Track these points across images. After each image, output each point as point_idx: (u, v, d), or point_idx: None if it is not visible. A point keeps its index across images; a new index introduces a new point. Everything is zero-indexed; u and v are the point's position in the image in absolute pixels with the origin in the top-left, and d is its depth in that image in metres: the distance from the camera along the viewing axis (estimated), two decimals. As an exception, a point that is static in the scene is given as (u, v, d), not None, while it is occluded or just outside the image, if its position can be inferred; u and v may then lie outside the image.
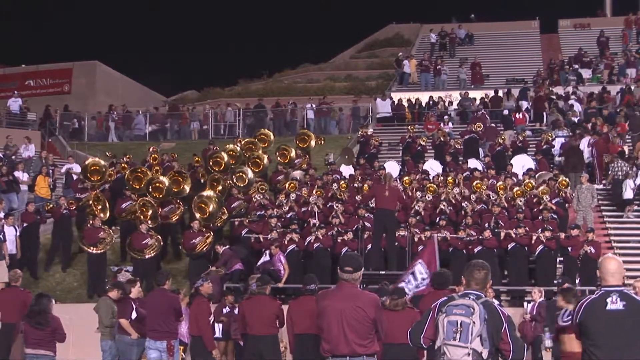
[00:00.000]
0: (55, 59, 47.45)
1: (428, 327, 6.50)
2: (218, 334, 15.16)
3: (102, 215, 21.05)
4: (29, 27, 77.68)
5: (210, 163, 23.98)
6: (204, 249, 19.75)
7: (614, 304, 6.35)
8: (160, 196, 21.45)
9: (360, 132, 29.71)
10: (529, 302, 17.16)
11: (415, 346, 6.77)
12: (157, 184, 21.61)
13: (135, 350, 12.82)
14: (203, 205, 20.52)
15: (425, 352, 9.10)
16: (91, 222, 20.43)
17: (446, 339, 6.26)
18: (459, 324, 6.22)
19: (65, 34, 72.49)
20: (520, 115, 30.81)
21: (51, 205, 21.76)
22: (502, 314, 6.36)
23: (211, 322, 12.78)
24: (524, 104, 32.25)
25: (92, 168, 23.24)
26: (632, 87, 32.16)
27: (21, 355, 11.94)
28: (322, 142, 28.14)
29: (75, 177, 24.47)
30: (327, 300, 7.68)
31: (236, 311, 14.50)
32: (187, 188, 22.02)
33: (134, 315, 12.76)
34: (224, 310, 15.68)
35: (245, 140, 27.00)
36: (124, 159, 25.53)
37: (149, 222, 20.46)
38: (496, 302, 6.65)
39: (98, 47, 78.22)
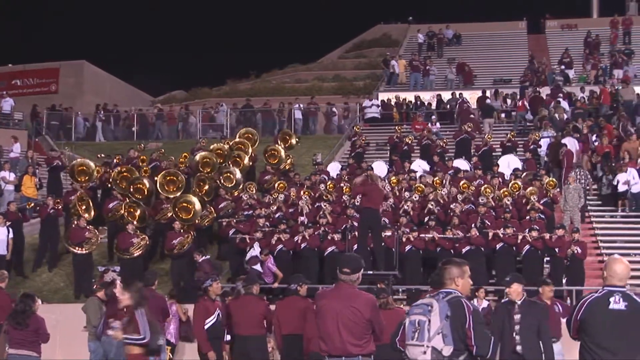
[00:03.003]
0: (42, 58, 47.35)
1: (402, 330, 6.57)
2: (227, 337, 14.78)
3: (86, 215, 20.97)
4: (16, 27, 77.39)
5: (201, 163, 23.88)
6: (183, 249, 19.66)
7: (617, 303, 6.42)
8: (142, 197, 21.41)
9: (352, 131, 29.70)
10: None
11: (392, 349, 6.80)
12: (139, 185, 21.58)
13: (122, 351, 12.78)
14: (186, 205, 20.46)
15: None
16: (76, 222, 20.37)
17: (407, 339, 6.36)
18: (417, 323, 6.31)
19: (53, 34, 72.31)
20: (520, 103, 31.39)
21: (36, 205, 21.57)
22: (467, 309, 6.36)
23: (211, 323, 12.42)
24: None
25: (79, 169, 23.18)
26: (619, 88, 32.23)
27: (3, 355, 11.89)
28: (297, 140, 27.69)
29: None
30: (324, 300, 7.69)
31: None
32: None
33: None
34: None
35: (235, 140, 26.86)
36: (115, 160, 25.45)
37: (136, 222, 20.43)
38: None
39: (85, 47, 77.99)
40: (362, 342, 7.39)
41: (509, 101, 33.96)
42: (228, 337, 13.44)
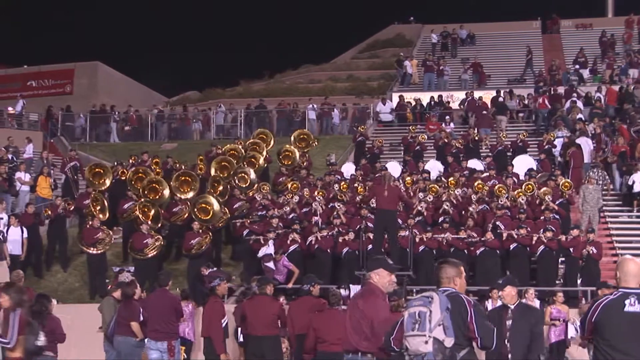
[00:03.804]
0: (57, 59, 47.53)
1: (399, 329, 6.48)
2: (241, 338, 14.63)
3: (100, 216, 21.04)
4: (31, 28, 77.77)
5: (218, 167, 23.91)
6: (201, 249, 19.68)
7: (632, 306, 6.34)
8: (157, 198, 21.49)
9: (357, 132, 29.68)
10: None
11: (386, 349, 6.71)
12: (154, 186, 21.65)
13: (138, 352, 12.84)
14: (205, 206, 20.51)
15: None
16: (90, 222, 20.43)
17: (406, 331, 6.29)
18: (417, 314, 6.26)
19: (67, 35, 72.53)
20: (541, 100, 31.30)
21: (48, 210, 21.64)
22: (467, 302, 6.39)
23: (224, 324, 12.48)
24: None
25: (96, 171, 23.27)
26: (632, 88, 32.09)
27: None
28: (317, 142, 27.82)
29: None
30: (352, 298, 7.79)
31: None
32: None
33: (141, 317, 12.72)
34: None
35: (250, 141, 26.96)
36: (130, 161, 25.52)
37: (150, 222, 20.48)
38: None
39: (100, 48, 78.19)
40: (364, 341, 7.37)
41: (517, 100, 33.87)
42: (241, 339, 13.51)
